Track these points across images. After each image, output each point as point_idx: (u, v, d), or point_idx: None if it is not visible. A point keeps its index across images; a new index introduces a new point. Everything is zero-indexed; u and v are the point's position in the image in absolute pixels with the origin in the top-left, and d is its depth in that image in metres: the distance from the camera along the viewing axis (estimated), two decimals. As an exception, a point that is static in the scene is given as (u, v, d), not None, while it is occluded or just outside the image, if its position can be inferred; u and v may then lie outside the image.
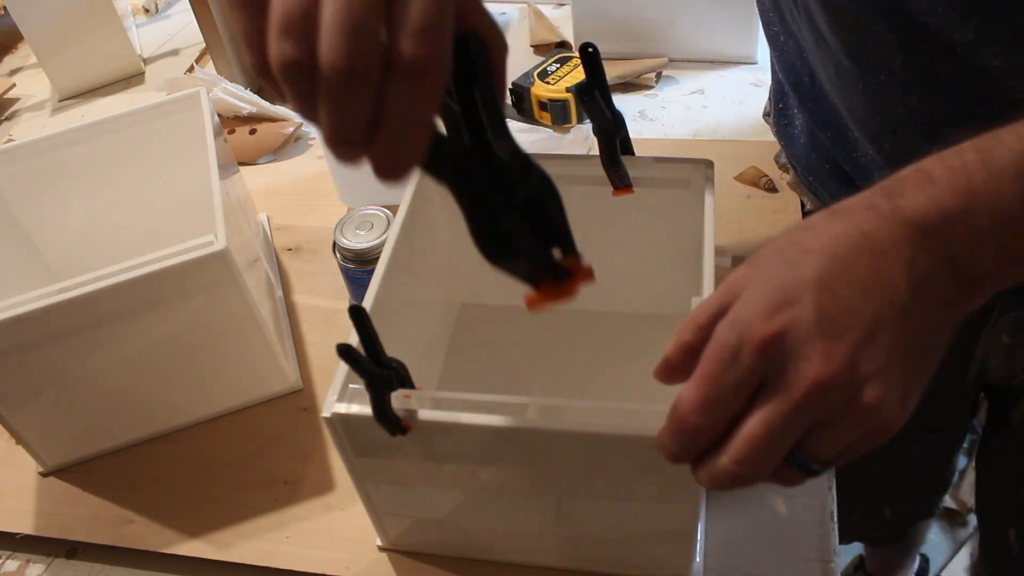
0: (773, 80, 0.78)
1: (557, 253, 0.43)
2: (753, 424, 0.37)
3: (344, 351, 0.45)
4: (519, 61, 1.09)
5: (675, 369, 0.40)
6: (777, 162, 0.88)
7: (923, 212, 0.37)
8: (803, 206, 0.83)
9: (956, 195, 0.37)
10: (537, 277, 0.42)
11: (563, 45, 1.10)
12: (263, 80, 0.34)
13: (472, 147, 0.39)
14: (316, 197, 0.95)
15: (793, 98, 0.73)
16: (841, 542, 0.61)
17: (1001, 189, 0.37)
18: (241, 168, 0.93)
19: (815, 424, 0.37)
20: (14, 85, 1.23)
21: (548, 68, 0.99)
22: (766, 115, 0.84)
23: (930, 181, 0.38)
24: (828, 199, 0.74)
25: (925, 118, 0.54)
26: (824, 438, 0.37)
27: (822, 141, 0.70)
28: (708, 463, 0.39)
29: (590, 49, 0.57)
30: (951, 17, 0.48)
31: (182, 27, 1.29)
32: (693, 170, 0.61)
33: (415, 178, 0.64)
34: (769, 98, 0.82)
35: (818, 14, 0.57)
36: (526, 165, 0.41)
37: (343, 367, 0.51)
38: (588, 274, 0.43)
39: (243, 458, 0.71)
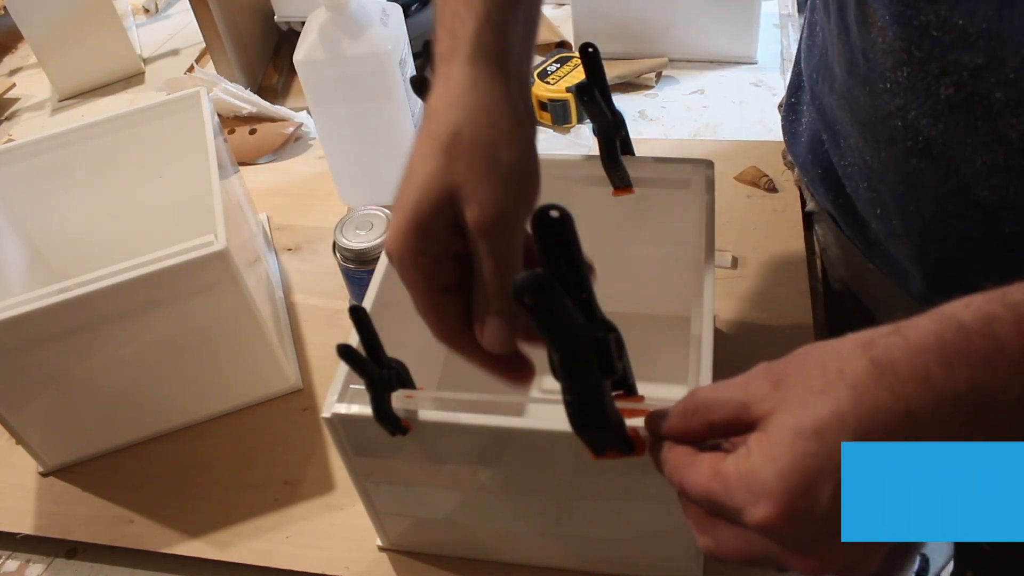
0: (793, 72, 0.77)
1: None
2: (737, 552, 0.38)
3: (344, 351, 0.45)
4: (519, 61, 1.09)
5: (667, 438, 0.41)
6: (784, 158, 0.87)
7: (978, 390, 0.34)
8: (803, 205, 0.83)
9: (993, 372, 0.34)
10: (609, 449, 0.43)
11: (563, 45, 1.10)
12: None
13: (584, 323, 0.40)
14: (316, 197, 0.95)
15: (807, 92, 0.73)
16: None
17: None
18: (241, 168, 0.93)
19: None
20: (14, 85, 1.23)
21: (548, 68, 0.99)
22: (780, 106, 0.84)
23: (1001, 351, 0.34)
24: (821, 200, 0.74)
25: (921, 136, 0.54)
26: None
27: (821, 143, 0.69)
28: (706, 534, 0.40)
29: (590, 49, 0.57)
30: (966, 34, 0.48)
31: (182, 27, 1.29)
32: (693, 170, 0.61)
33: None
34: (787, 89, 0.81)
35: (848, 4, 0.56)
36: (606, 325, 0.43)
37: (343, 367, 0.51)
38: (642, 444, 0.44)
39: (243, 458, 0.71)
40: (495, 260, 0.44)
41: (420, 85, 0.58)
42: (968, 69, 0.49)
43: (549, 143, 0.95)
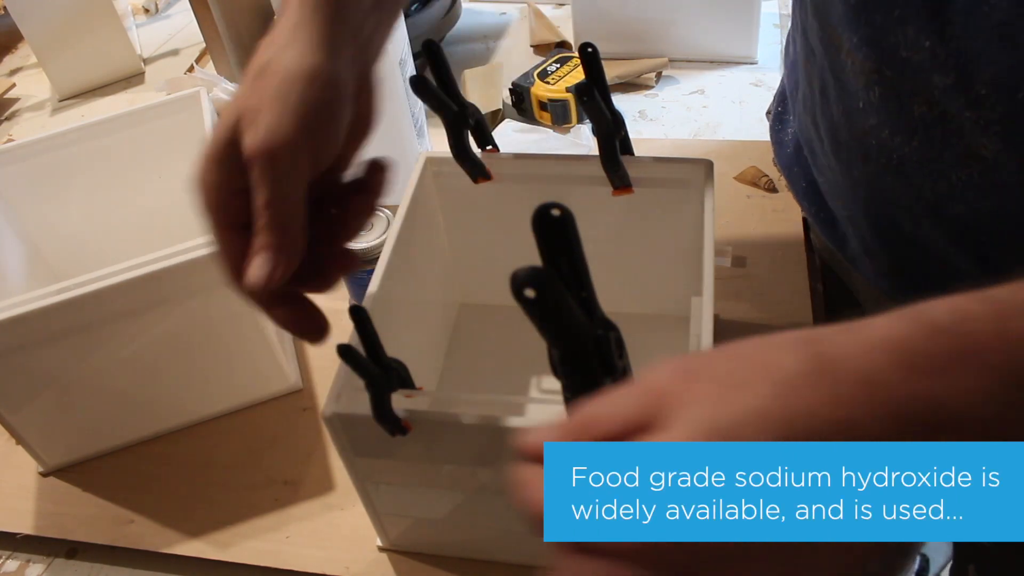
0: (780, 83, 0.77)
1: None
2: None
3: (344, 351, 0.45)
4: (519, 61, 1.09)
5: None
6: (775, 165, 0.87)
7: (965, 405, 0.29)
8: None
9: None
10: None
11: (563, 45, 1.10)
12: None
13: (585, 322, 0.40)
14: (316, 197, 0.95)
15: (791, 105, 0.72)
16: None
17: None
18: (241, 168, 0.93)
19: None
20: (14, 85, 1.23)
21: (548, 68, 0.99)
22: (768, 113, 0.84)
23: (973, 354, 0.29)
24: (805, 211, 0.73)
25: (894, 154, 0.53)
26: None
27: (804, 157, 0.69)
28: None
29: (590, 49, 0.57)
30: (936, 55, 0.47)
31: (182, 27, 1.29)
32: (693, 170, 0.61)
33: (415, 178, 0.64)
34: (774, 98, 0.81)
35: (811, 28, 0.56)
36: (606, 323, 0.42)
37: (343, 367, 0.51)
38: None
39: (243, 458, 0.71)
40: (266, 190, 0.42)
41: (420, 85, 0.58)
42: (939, 89, 0.48)
43: (549, 143, 0.95)
